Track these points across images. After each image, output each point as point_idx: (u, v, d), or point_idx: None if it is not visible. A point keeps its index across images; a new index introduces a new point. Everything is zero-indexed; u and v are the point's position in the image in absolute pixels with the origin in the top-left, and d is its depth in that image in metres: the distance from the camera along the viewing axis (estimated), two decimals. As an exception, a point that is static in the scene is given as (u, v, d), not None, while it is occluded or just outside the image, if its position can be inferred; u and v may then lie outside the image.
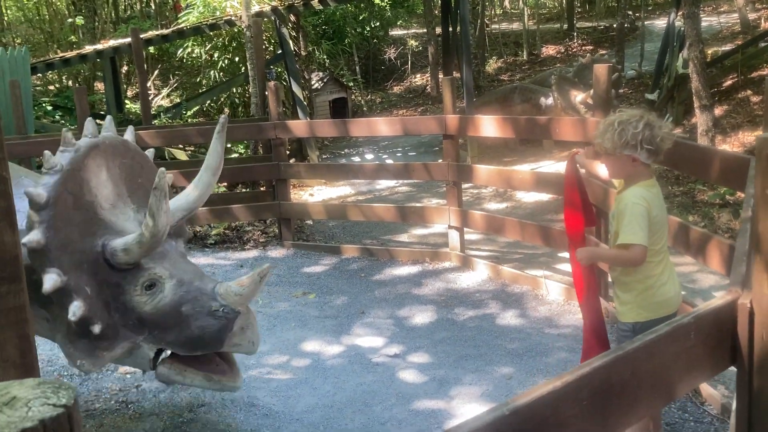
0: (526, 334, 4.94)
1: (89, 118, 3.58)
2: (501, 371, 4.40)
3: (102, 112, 12.51)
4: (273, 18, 11.81)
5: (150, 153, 3.78)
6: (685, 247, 3.84)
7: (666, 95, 11.13)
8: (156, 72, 16.98)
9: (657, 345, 1.44)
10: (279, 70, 13.35)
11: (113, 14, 19.46)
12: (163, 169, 3.11)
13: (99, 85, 16.34)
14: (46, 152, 3.18)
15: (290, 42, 12.06)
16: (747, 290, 1.64)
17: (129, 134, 3.74)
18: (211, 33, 13.28)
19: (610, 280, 4.44)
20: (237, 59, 14.21)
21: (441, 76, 10.35)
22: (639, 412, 1.46)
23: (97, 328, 3.07)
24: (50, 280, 2.97)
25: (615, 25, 17.19)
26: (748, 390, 1.62)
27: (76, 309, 2.99)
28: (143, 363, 3.37)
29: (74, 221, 3.16)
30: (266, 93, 7.81)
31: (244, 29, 10.30)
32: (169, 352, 3.38)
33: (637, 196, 2.77)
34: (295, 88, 11.65)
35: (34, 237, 2.98)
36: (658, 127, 2.74)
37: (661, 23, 17.57)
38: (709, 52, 12.98)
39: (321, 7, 12.57)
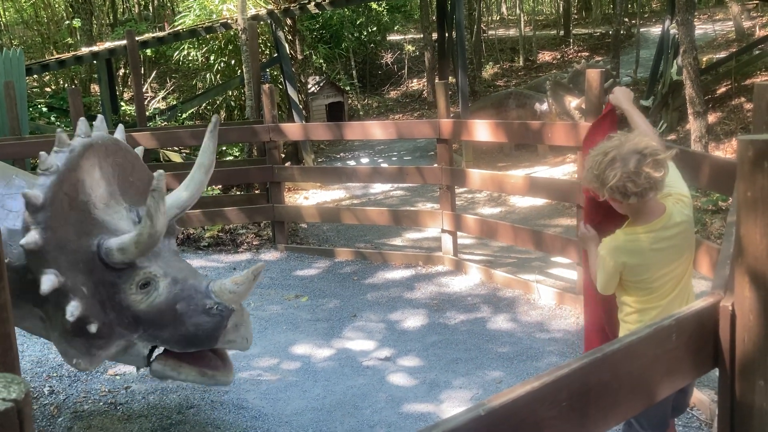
0: (517, 338, 4.94)
1: (82, 118, 3.56)
2: (491, 375, 4.39)
3: (98, 114, 12.49)
4: (269, 21, 11.82)
5: (140, 151, 3.76)
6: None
7: (660, 102, 11.16)
8: (153, 75, 16.98)
9: (637, 347, 1.44)
10: (275, 73, 13.36)
11: (111, 17, 19.46)
12: (161, 171, 3.10)
13: (95, 87, 16.33)
14: (42, 153, 3.18)
15: (286, 45, 12.07)
16: (729, 293, 1.64)
17: (119, 133, 3.73)
18: (207, 36, 13.28)
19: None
20: (233, 62, 14.21)
21: (437, 81, 10.41)
22: (619, 414, 1.46)
23: (93, 328, 3.07)
24: (48, 281, 2.96)
25: (611, 32, 17.25)
26: (730, 392, 1.62)
27: (73, 309, 2.99)
28: (138, 360, 3.37)
29: (70, 221, 3.15)
30: (261, 96, 7.81)
31: (240, 32, 10.30)
32: (162, 348, 3.39)
33: (609, 250, 2.52)
34: (291, 92, 11.66)
35: (31, 239, 2.97)
36: (624, 164, 2.28)
37: (656, 30, 17.63)
38: (704, 59, 13.02)
39: (317, 11, 12.58)
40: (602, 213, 2.77)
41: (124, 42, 10.65)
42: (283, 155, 11.40)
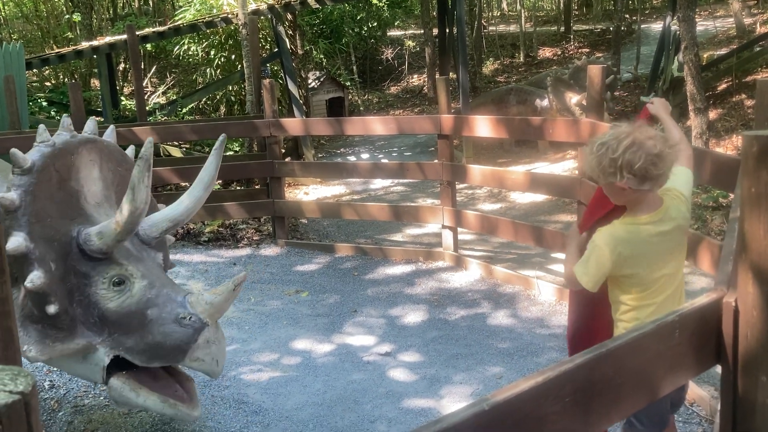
0: (518, 334, 4.94)
1: (92, 118, 3.58)
2: (491, 371, 4.39)
3: (98, 109, 12.48)
4: (269, 16, 11.80)
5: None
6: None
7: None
8: (153, 70, 16.95)
9: (641, 342, 1.44)
10: (275, 68, 13.34)
11: (111, 11, 19.41)
12: (150, 138, 3.06)
13: (95, 82, 16.31)
14: (41, 126, 3.18)
15: (287, 40, 12.05)
16: (732, 289, 1.64)
17: (129, 150, 3.72)
18: (208, 30, 13.25)
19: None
20: (233, 57, 14.20)
21: (437, 76, 10.41)
22: (622, 410, 1.46)
23: (52, 308, 2.96)
24: (15, 241, 2.88)
25: (611, 28, 17.22)
26: (733, 388, 1.62)
27: (35, 278, 2.89)
28: (95, 371, 3.17)
29: (55, 199, 3.12)
30: (261, 91, 7.80)
31: (240, 27, 10.28)
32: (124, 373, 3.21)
33: (606, 238, 2.45)
34: (291, 87, 11.64)
35: (9, 196, 2.94)
36: (645, 148, 2.28)
37: (657, 27, 17.60)
38: (705, 55, 13.01)
39: (318, 6, 12.56)
40: (608, 211, 2.73)
41: (125, 36, 10.63)
42: (283, 150, 11.39)
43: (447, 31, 13.25)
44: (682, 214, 2.52)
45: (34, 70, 14.84)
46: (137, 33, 10.80)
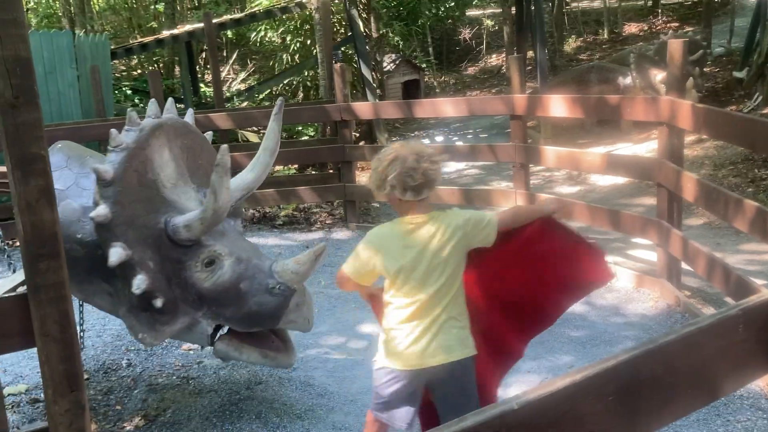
0: (591, 322, 4.77)
1: (152, 99, 3.67)
2: (562, 360, 4.25)
3: (181, 96, 12.87)
4: (343, 0, 11.81)
5: (209, 135, 3.86)
6: (762, 235, 3.59)
7: (755, 73, 10.47)
8: (234, 56, 17.32)
9: (696, 339, 1.32)
10: (350, 52, 13.36)
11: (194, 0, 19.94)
12: (225, 146, 3.16)
13: (179, 70, 16.82)
14: (113, 131, 3.27)
15: (360, 24, 12.03)
16: (808, 281, 1.49)
17: (189, 117, 3.82)
18: (284, 16, 13.39)
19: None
20: (309, 42, 14.31)
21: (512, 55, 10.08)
22: (676, 411, 1.34)
23: (159, 302, 3.16)
24: (116, 253, 3.05)
25: (703, 0, 16.29)
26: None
27: (140, 282, 3.08)
28: (202, 339, 3.44)
29: (139, 198, 3.24)
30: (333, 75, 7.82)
31: (314, 11, 10.34)
32: (227, 328, 3.46)
33: (372, 235, 2.65)
34: (365, 70, 11.63)
35: (101, 211, 3.07)
36: (402, 162, 2.49)
37: (753, -4, 16.54)
38: (806, 26, 12.09)
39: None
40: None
41: (203, 24, 10.89)
42: (357, 135, 11.43)
43: (525, 8, 12.89)
44: (450, 231, 2.56)
45: (123, 60, 15.44)
46: (215, 21, 11.04)
